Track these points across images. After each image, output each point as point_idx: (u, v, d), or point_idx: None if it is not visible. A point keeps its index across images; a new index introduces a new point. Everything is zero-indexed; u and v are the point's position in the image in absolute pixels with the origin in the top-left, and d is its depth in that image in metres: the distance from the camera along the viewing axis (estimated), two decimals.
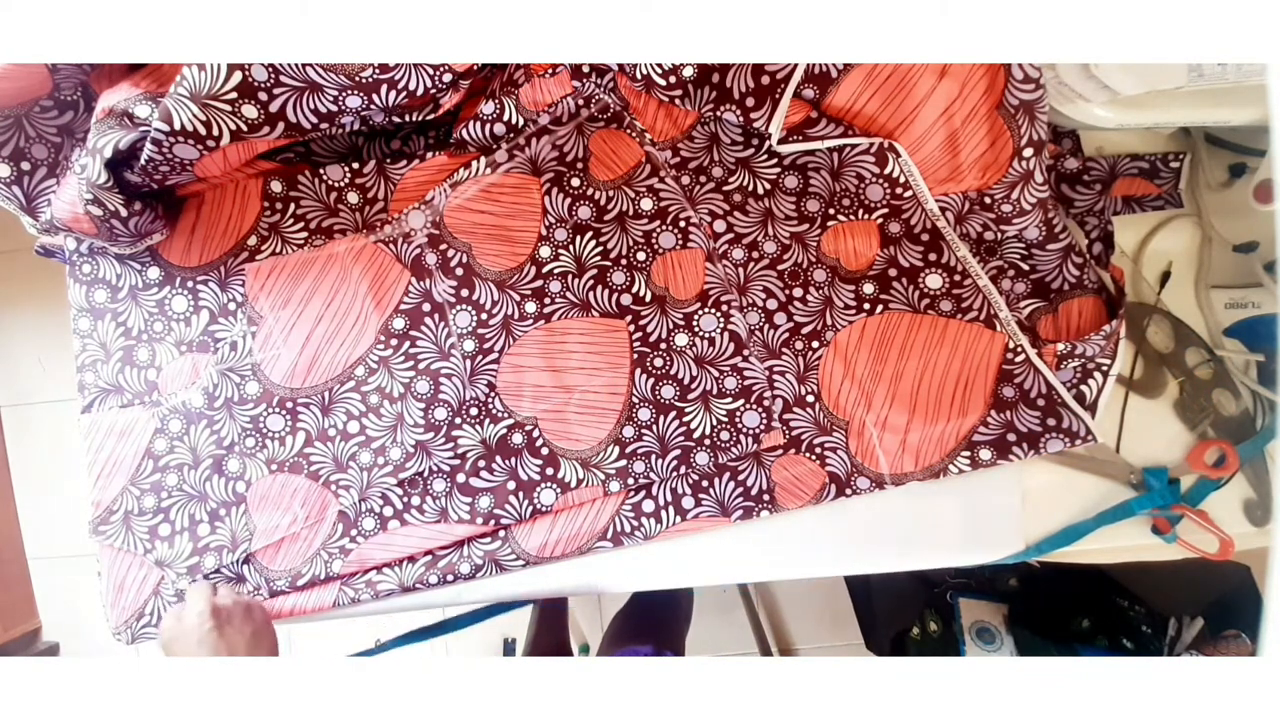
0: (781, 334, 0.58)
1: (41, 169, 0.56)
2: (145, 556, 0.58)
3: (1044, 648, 0.72)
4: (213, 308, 0.58)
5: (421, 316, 0.58)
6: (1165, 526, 0.55)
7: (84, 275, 0.59)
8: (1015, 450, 0.55)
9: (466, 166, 0.59)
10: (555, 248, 0.58)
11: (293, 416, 0.58)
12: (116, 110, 0.51)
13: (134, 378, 0.59)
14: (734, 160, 0.59)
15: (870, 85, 0.54)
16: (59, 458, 1.38)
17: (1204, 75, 0.50)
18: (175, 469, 0.58)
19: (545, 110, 0.58)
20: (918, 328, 0.57)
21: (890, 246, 0.58)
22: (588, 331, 0.58)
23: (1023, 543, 0.56)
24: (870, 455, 0.56)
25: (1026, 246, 0.57)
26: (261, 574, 0.57)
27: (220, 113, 0.49)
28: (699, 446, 0.57)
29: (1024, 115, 0.52)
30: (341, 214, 0.58)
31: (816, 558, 0.57)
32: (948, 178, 0.56)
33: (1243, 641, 0.67)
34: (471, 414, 0.57)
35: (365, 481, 0.57)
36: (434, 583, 0.56)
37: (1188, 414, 0.57)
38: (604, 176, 0.59)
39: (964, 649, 0.74)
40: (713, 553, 0.57)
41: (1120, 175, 0.59)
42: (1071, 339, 0.55)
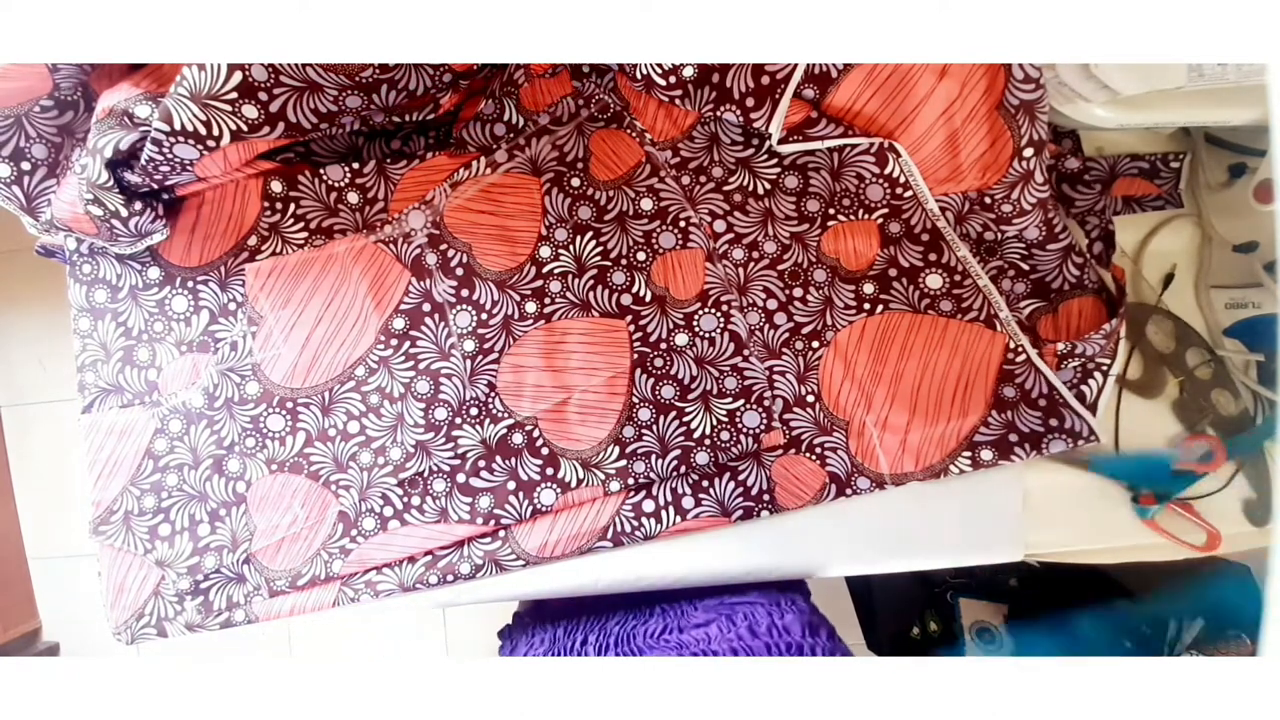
0: (781, 334, 0.58)
1: (41, 169, 0.56)
2: (145, 557, 0.58)
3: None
4: (213, 308, 0.58)
5: (421, 316, 0.58)
6: (1150, 502, 0.55)
7: (84, 275, 0.59)
8: (1017, 450, 0.55)
9: (466, 166, 0.59)
10: (555, 248, 0.58)
11: (293, 416, 0.58)
12: (116, 110, 0.51)
13: (134, 378, 0.59)
14: (734, 160, 0.59)
15: (870, 85, 0.54)
16: (59, 458, 1.38)
17: (1204, 75, 0.50)
18: (175, 469, 0.58)
19: (545, 110, 0.58)
20: (918, 328, 0.57)
21: (890, 246, 0.59)
22: (588, 331, 0.58)
23: (1023, 544, 0.56)
24: (871, 455, 0.56)
25: (1027, 246, 0.57)
26: (261, 574, 0.57)
27: (220, 113, 0.49)
28: (699, 446, 0.57)
29: (1024, 115, 0.52)
30: (341, 214, 0.58)
31: (816, 558, 0.57)
32: (948, 178, 0.56)
33: (1243, 641, 0.67)
34: (471, 414, 0.57)
35: (365, 481, 0.57)
36: (434, 583, 0.56)
37: (1187, 414, 0.57)
38: (604, 176, 0.59)
39: (964, 649, 0.74)
40: (713, 553, 0.57)
41: (1120, 175, 0.59)
42: (1072, 339, 0.55)
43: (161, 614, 0.58)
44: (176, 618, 0.57)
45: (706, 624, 0.54)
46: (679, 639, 0.53)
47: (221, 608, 0.57)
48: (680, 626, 0.55)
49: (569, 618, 0.61)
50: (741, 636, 0.51)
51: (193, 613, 0.57)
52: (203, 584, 0.58)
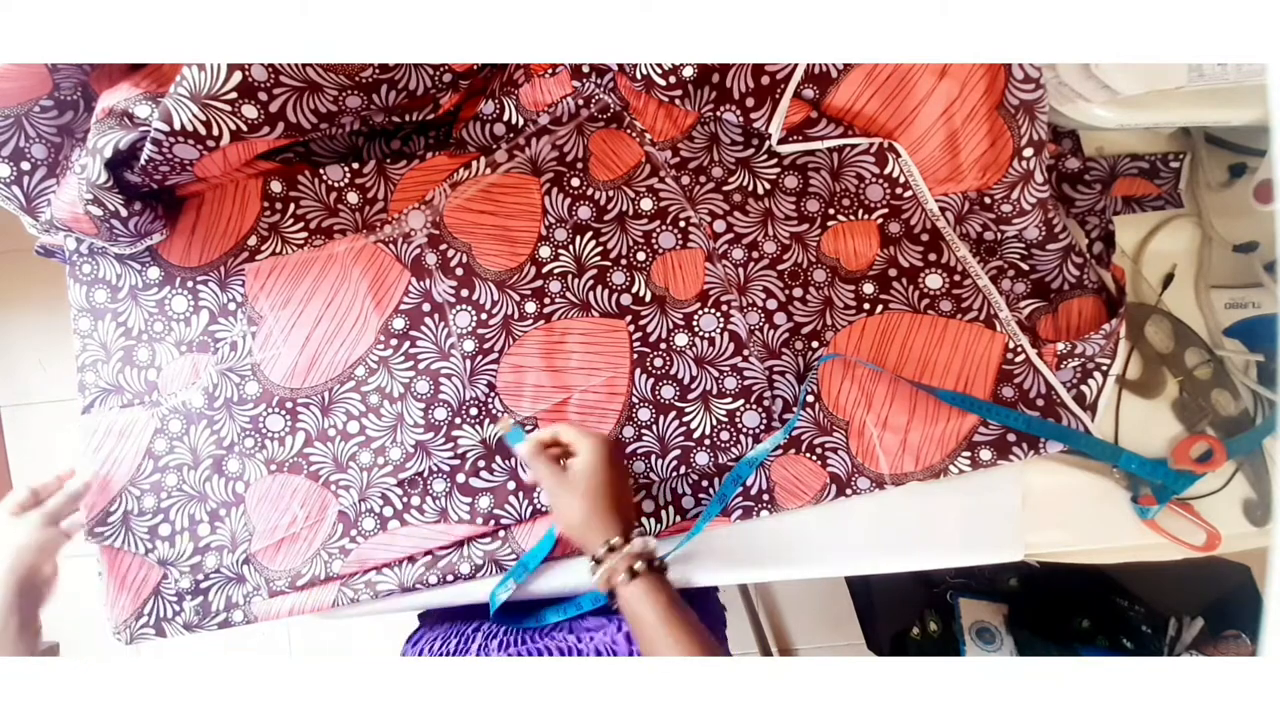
0: (781, 334, 0.58)
1: (41, 169, 0.56)
2: (146, 556, 0.58)
3: (1044, 648, 0.72)
4: (213, 308, 0.58)
5: (421, 316, 0.58)
6: (1150, 502, 0.55)
7: (84, 275, 0.59)
8: (1015, 450, 0.55)
9: (466, 166, 0.59)
10: (555, 248, 0.58)
11: (292, 416, 0.58)
12: (116, 110, 0.51)
13: (134, 378, 0.59)
14: (734, 160, 0.59)
15: (870, 85, 0.54)
16: (59, 458, 1.38)
17: (1204, 75, 0.50)
18: (175, 469, 0.58)
19: (545, 110, 0.58)
20: (918, 328, 0.57)
21: (890, 246, 0.59)
22: (588, 331, 0.58)
23: (1023, 544, 0.56)
24: (870, 455, 0.56)
25: (1026, 246, 0.57)
26: (261, 574, 0.57)
27: (220, 113, 0.49)
28: (699, 446, 0.57)
29: (1024, 115, 0.52)
30: (341, 214, 0.58)
31: (816, 558, 0.57)
32: (948, 178, 0.56)
33: (1243, 641, 0.67)
34: (471, 414, 0.57)
35: (365, 481, 0.57)
36: (434, 583, 0.56)
37: (1187, 414, 0.57)
38: (604, 176, 0.59)
39: (964, 649, 0.74)
40: (714, 553, 0.57)
41: (1120, 175, 0.59)
42: (1071, 339, 0.55)
43: (161, 614, 0.58)
44: (175, 618, 0.57)
45: (597, 628, 0.55)
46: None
47: (220, 608, 0.57)
48: (571, 627, 0.56)
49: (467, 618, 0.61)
50: (616, 642, 0.53)
51: (191, 613, 0.57)
52: (202, 584, 0.58)
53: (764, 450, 0.55)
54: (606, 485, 0.48)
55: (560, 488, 0.48)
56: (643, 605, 0.44)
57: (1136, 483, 0.56)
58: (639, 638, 0.45)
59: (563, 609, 0.57)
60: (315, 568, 0.57)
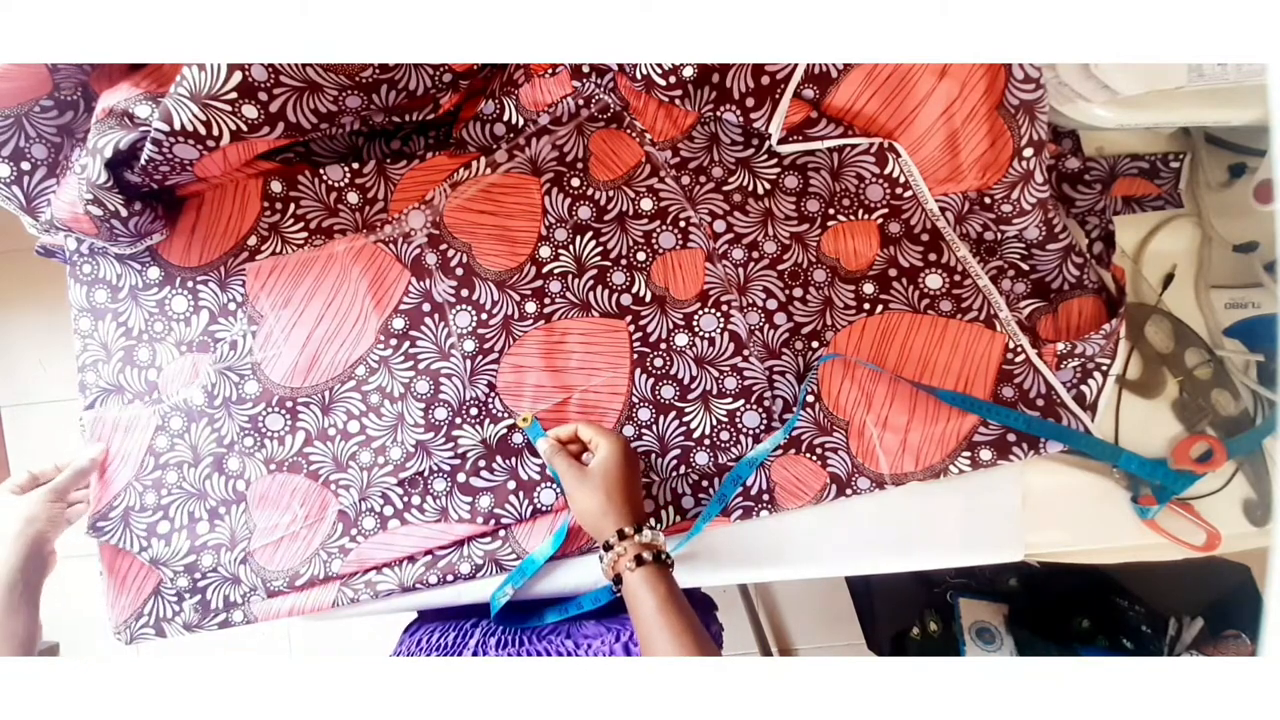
0: (781, 334, 0.58)
1: (41, 169, 0.56)
2: (142, 554, 0.58)
3: (1044, 648, 0.72)
4: (213, 308, 0.58)
5: (421, 316, 0.58)
6: (1150, 502, 0.55)
7: (84, 275, 0.59)
8: (1015, 450, 0.55)
9: (466, 166, 0.59)
10: (555, 248, 0.58)
11: (292, 416, 0.58)
12: (116, 110, 0.51)
13: (135, 378, 0.59)
14: (734, 160, 0.59)
15: (870, 85, 0.54)
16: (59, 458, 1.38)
17: (1204, 75, 0.50)
18: (175, 466, 0.58)
19: (545, 110, 0.58)
20: (918, 328, 0.57)
21: (890, 246, 0.59)
22: (588, 331, 0.58)
23: (1023, 543, 0.56)
24: (871, 455, 0.56)
25: (1026, 246, 0.57)
26: (258, 574, 0.57)
27: (220, 113, 0.49)
28: (699, 446, 0.57)
29: (1024, 115, 0.52)
30: (341, 214, 0.58)
31: (817, 558, 0.57)
32: (948, 178, 0.56)
33: (1243, 641, 0.67)
34: (471, 414, 0.57)
35: (365, 481, 0.57)
36: (434, 583, 0.56)
37: (1187, 414, 0.57)
38: (604, 176, 0.59)
39: (964, 649, 0.74)
40: (714, 553, 0.57)
41: (1120, 175, 0.59)
42: (1071, 339, 0.55)
43: (160, 614, 0.58)
44: (175, 618, 0.57)
45: (595, 636, 0.55)
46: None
47: (219, 608, 0.57)
48: (569, 633, 0.56)
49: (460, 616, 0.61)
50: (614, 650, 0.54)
51: (191, 613, 0.57)
52: (200, 582, 0.58)
53: (764, 450, 0.55)
54: (623, 481, 0.50)
55: (579, 482, 0.50)
56: (643, 591, 0.46)
57: (1136, 483, 0.56)
58: (636, 624, 0.47)
59: (563, 608, 0.57)
60: (314, 567, 0.57)
